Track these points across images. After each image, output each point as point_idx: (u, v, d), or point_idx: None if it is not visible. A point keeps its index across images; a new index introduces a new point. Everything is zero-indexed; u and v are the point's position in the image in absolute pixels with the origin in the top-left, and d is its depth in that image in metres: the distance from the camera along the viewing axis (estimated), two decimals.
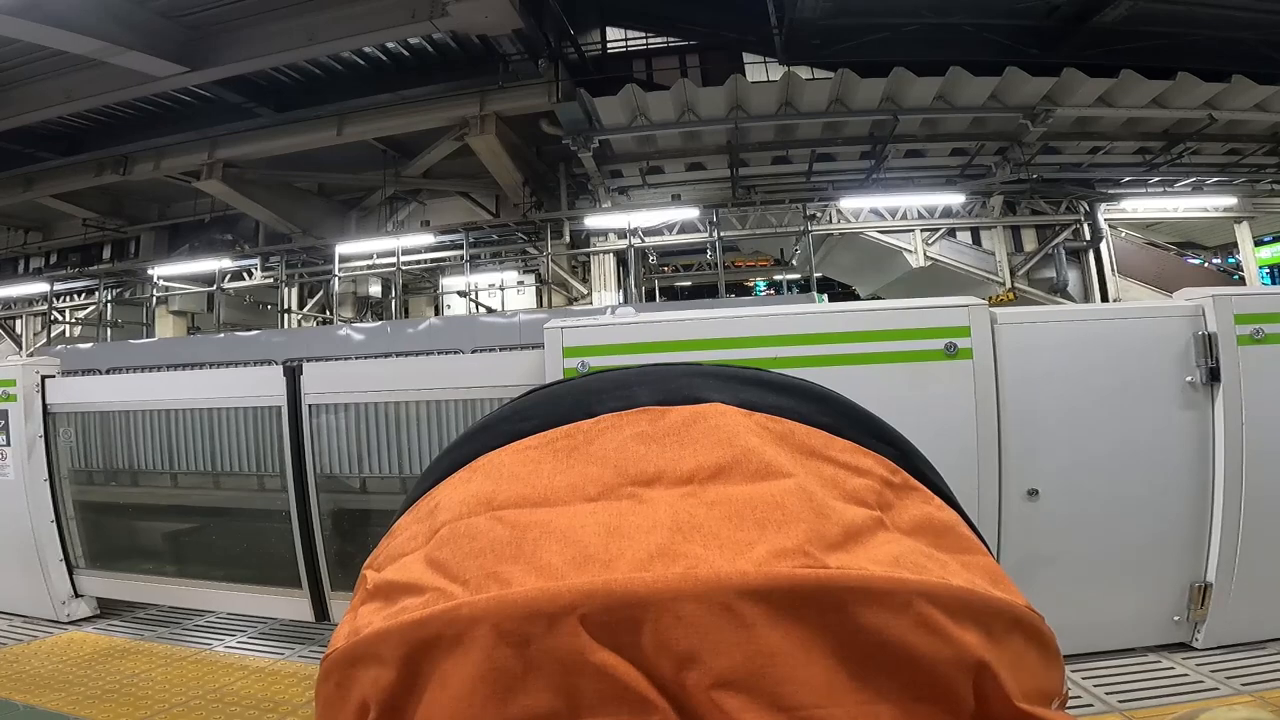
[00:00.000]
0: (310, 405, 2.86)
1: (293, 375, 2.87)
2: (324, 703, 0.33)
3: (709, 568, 0.28)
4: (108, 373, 6.42)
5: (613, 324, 2.43)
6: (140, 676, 2.59)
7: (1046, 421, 2.37)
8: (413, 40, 7.95)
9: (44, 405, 3.25)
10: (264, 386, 2.95)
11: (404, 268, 11.66)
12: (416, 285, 13.50)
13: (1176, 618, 2.39)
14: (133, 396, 3.37)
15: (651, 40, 10.30)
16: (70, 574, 3.29)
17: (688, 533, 0.29)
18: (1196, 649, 2.38)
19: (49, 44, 6.78)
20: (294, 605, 3.02)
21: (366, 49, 8.01)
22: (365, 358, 6.04)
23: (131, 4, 6.93)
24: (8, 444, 3.21)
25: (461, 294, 11.83)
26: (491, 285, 12.20)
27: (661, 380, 0.39)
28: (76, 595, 3.30)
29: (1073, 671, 2.28)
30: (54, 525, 3.26)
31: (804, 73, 8.29)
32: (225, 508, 3.60)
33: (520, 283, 12.43)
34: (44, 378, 3.27)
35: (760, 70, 9.54)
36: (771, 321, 2.39)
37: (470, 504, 0.34)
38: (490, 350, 5.18)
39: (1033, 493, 2.34)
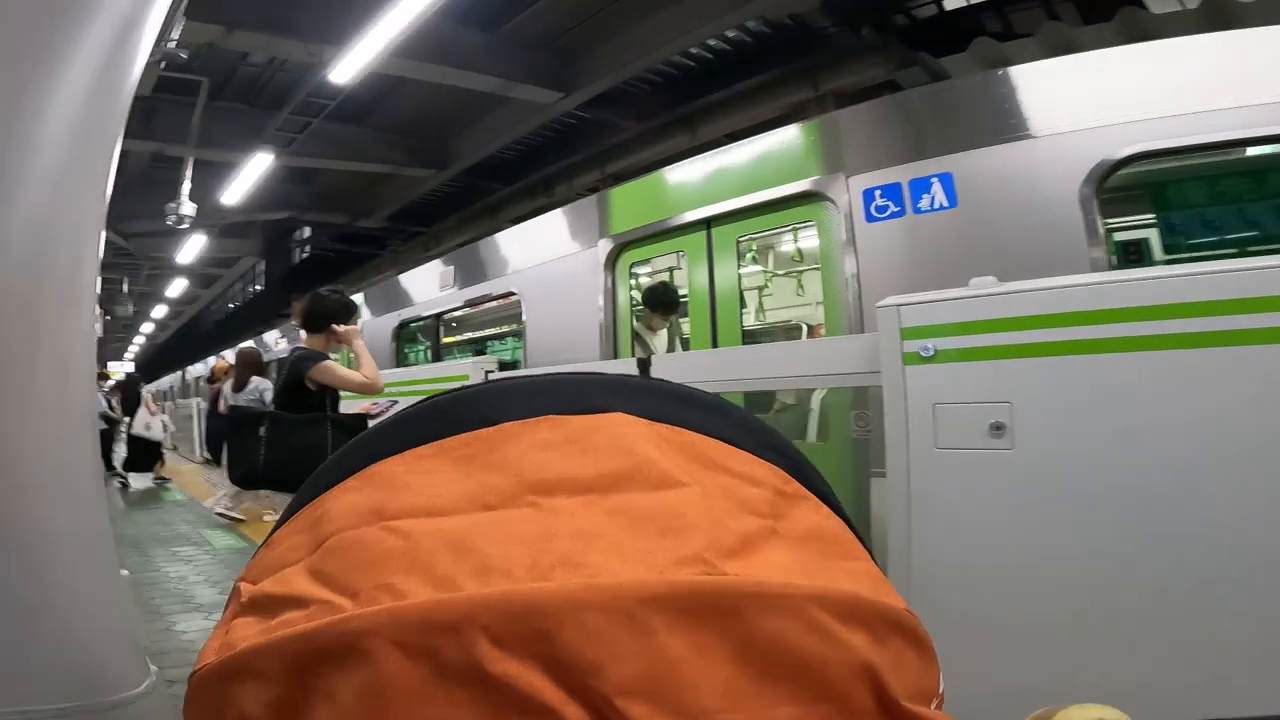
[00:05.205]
0: None
1: None
2: None
3: (611, 576, 0.28)
4: None
5: (969, 297, 1.99)
6: None
7: None
8: (730, 34, 8.04)
9: None
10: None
11: None
12: None
13: None
14: None
15: None
16: None
17: (589, 541, 0.29)
18: None
19: (459, 84, 8.38)
20: None
21: (692, 49, 8.32)
22: None
23: (512, 40, 8.21)
24: None
25: None
26: None
27: (564, 389, 0.39)
28: None
29: None
30: None
31: None
32: None
33: None
34: (487, 374, 3.66)
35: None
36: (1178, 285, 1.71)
37: (360, 514, 0.33)
38: None
39: None
